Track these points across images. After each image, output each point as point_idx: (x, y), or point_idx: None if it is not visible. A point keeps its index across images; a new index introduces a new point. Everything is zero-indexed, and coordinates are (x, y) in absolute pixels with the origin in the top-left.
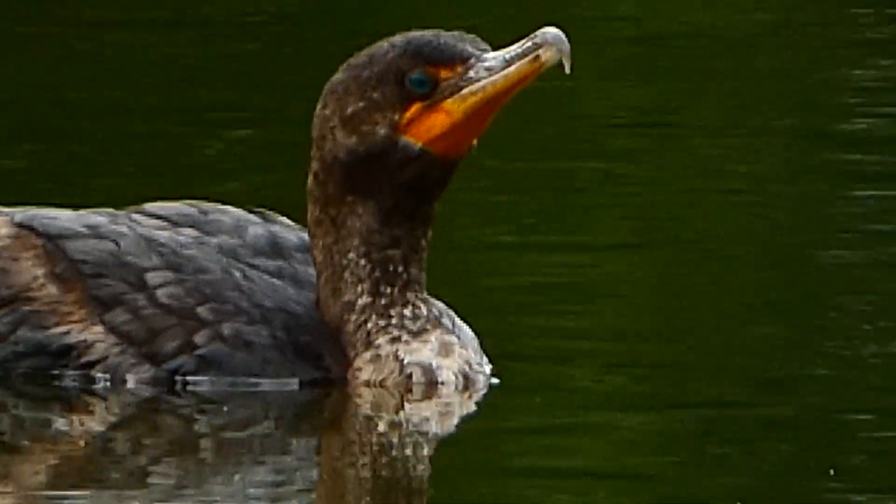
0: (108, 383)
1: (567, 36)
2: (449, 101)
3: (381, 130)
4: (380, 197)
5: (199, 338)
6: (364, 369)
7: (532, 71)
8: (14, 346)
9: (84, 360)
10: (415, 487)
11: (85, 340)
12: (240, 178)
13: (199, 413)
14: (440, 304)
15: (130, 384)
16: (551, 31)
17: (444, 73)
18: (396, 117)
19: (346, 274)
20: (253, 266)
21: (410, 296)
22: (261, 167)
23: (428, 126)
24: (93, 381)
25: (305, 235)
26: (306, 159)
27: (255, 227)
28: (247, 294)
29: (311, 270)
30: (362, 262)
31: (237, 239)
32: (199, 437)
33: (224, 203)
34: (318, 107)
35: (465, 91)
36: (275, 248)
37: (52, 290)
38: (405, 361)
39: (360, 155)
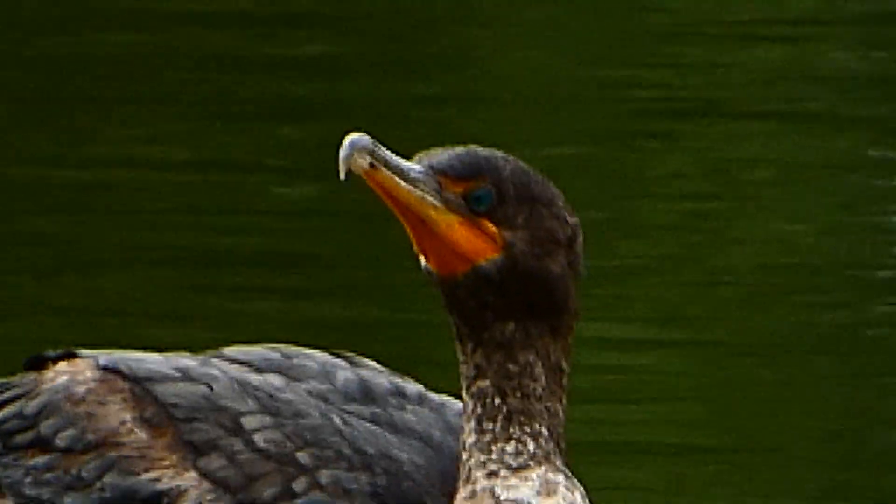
0: None
1: (359, 144)
2: None
3: None
4: (452, 325)
5: (298, 485)
6: None
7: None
8: (101, 493)
9: None
10: None
11: (178, 487)
12: None
13: None
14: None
15: None
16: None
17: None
18: None
19: (464, 414)
20: (347, 412)
21: (514, 430)
22: None
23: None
24: None
25: (396, 379)
26: None
27: (344, 371)
28: (348, 440)
29: (407, 416)
30: (466, 397)
31: (327, 384)
32: None
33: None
34: None
35: None
36: (366, 394)
37: (142, 434)
38: (501, 498)
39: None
